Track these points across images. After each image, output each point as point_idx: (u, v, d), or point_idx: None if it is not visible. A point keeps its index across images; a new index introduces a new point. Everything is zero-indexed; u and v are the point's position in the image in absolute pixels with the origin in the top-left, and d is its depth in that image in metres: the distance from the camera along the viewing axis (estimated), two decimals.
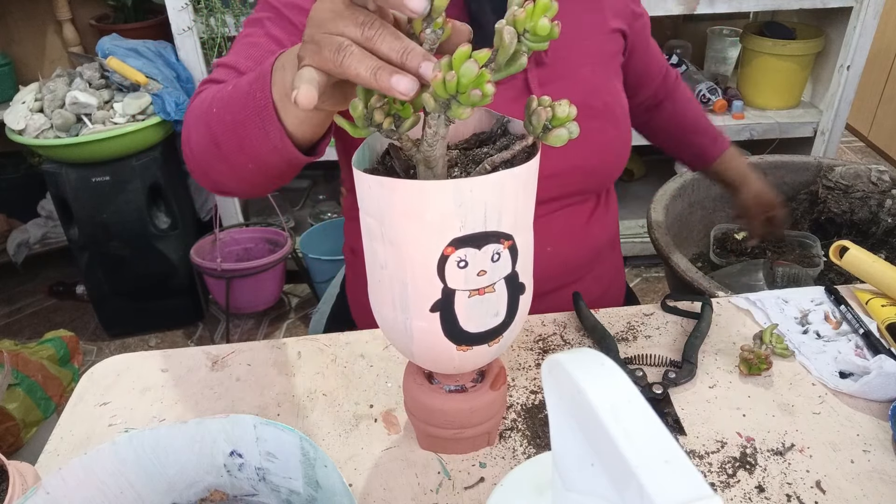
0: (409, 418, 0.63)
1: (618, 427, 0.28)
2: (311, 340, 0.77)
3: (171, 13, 1.74)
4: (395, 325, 0.52)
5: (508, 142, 0.52)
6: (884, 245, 1.30)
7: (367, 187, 0.46)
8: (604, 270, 0.93)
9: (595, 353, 0.32)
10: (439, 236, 0.45)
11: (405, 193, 0.44)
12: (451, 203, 0.44)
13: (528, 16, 0.42)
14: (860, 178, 1.30)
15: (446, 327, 0.49)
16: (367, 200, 0.47)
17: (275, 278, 2.00)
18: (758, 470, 0.60)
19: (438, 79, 0.41)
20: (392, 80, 0.41)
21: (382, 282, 0.50)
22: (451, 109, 0.42)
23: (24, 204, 2.26)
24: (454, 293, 0.48)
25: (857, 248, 0.81)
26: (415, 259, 0.47)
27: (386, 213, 0.46)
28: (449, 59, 0.41)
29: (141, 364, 0.75)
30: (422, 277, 0.47)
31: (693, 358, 0.71)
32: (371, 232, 0.49)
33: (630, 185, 2.41)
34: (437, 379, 0.59)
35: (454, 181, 0.43)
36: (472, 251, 0.46)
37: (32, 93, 1.76)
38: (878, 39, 2.42)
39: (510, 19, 0.42)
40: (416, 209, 0.44)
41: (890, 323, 0.74)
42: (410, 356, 0.55)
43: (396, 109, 0.44)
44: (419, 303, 0.49)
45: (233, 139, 0.58)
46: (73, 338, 1.66)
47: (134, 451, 0.48)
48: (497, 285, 0.49)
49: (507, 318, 0.51)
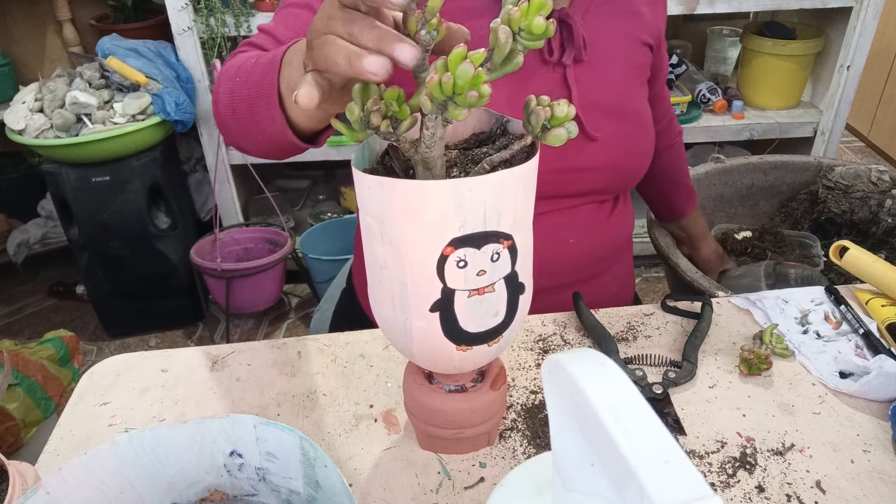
0: (409, 418, 0.63)
1: (618, 427, 0.28)
2: (311, 340, 0.77)
3: (171, 13, 1.74)
4: (394, 325, 0.52)
5: (508, 141, 0.52)
6: (884, 245, 1.30)
7: (367, 187, 0.46)
8: (620, 270, 0.95)
9: (595, 353, 0.32)
10: (439, 236, 0.45)
11: (404, 193, 0.44)
12: (451, 203, 0.44)
13: (523, 14, 0.42)
14: (860, 178, 1.30)
15: (446, 327, 0.49)
16: (367, 200, 0.47)
17: (275, 278, 2.00)
18: (758, 470, 0.60)
19: (434, 80, 0.41)
20: (363, 62, 0.42)
21: (382, 282, 0.50)
22: (447, 111, 0.42)
23: (24, 204, 2.26)
24: (454, 293, 0.48)
25: (857, 248, 0.81)
26: (414, 259, 0.47)
27: (385, 213, 0.46)
28: (445, 61, 0.41)
29: (141, 364, 0.75)
30: (421, 277, 0.47)
31: (693, 358, 0.71)
32: (371, 232, 0.49)
33: None
34: (437, 379, 0.59)
35: (453, 181, 0.43)
36: (472, 251, 0.46)
37: (32, 93, 1.77)
38: (878, 39, 2.42)
39: (505, 18, 0.42)
40: (415, 209, 0.44)
41: (890, 323, 0.74)
42: (410, 356, 0.55)
43: (393, 111, 0.44)
44: (419, 303, 0.49)
45: (247, 112, 0.63)
46: (73, 338, 1.66)
47: (134, 451, 0.48)
48: (497, 285, 0.49)
49: (506, 317, 0.51)
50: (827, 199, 1.33)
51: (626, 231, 0.94)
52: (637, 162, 0.87)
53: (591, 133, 0.81)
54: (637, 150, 0.87)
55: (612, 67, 0.84)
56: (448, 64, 0.41)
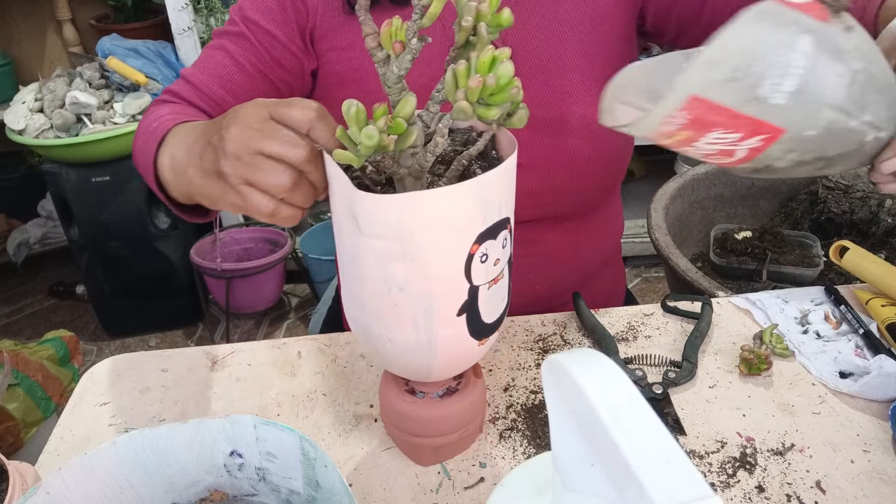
0: (407, 447, 0.61)
1: (618, 427, 0.28)
2: (311, 340, 0.77)
3: (171, 13, 1.74)
4: (414, 346, 0.50)
5: (465, 137, 0.52)
6: (884, 245, 1.30)
7: (385, 209, 0.43)
8: (605, 284, 0.92)
9: (595, 353, 0.32)
10: (466, 237, 0.45)
11: (433, 203, 0.43)
12: (475, 201, 0.44)
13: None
14: (860, 178, 1.30)
15: (471, 326, 0.50)
16: (382, 225, 0.44)
17: (275, 278, 2.00)
18: (758, 470, 0.60)
19: (478, 84, 0.41)
20: (287, 215, 0.46)
21: (400, 305, 0.47)
22: (478, 112, 0.43)
23: (24, 204, 2.26)
24: (478, 290, 0.48)
25: (857, 248, 0.81)
26: (442, 267, 0.46)
27: (408, 230, 0.44)
28: (467, 65, 0.41)
29: (141, 364, 0.75)
30: (449, 282, 0.46)
31: (693, 358, 0.71)
32: (385, 256, 0.45)
33: (630, 185, 2.41)
34: (422, 392, 0.58)
35: (475, 180, 0.43)
36: (491, 242, 0.47)
37: (32, 93, 1.77)
38: None
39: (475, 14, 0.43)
40: (443, 216, 0.44)
41: (890, 323, 0.74)
42: (427, 374, 0.53)
43: (394, 130, 0.43)
44: (446, 310, 0.48)
45: (147, 176, 0.64)
46: (73, 338, 1.66)
47: (134, 451, 0.48)
48: (504, 270, 0.50)
49: (507, 298, 0.53)
50: (827, 199, 1.33)
51: (609, 246, 0.88)
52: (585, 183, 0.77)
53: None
54: (581, 169, 0.76)
55: (546, 70, 0.74)
56: (478, 67, 0.41)
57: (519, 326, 0.78)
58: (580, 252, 0.84)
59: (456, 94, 0.42)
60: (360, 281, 0.48)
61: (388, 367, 0.55)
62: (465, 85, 0.41)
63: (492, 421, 0.65)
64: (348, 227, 0.46)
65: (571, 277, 0.84)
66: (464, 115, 0.42)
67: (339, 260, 0.51)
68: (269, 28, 0.75)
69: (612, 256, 0.91)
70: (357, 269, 0.48)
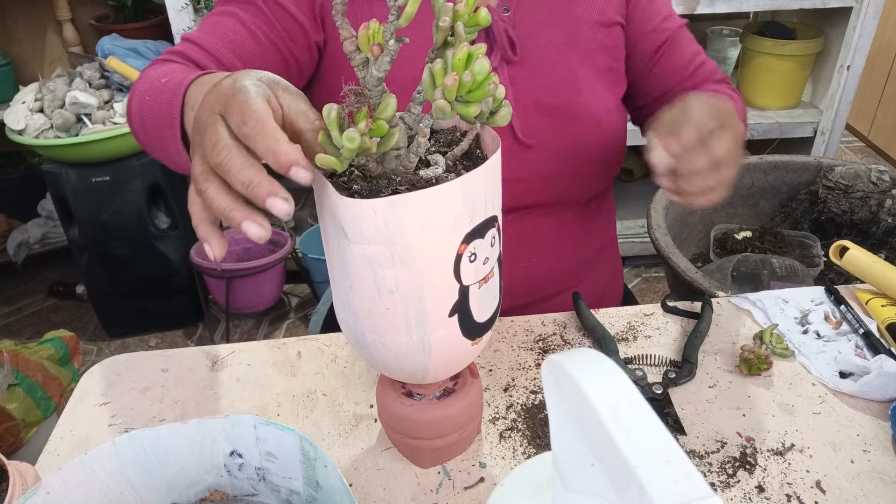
0: (407, 450, 0.61)
1: (618, 427, 0.28)
2: (311, 340, 0.77)
3: (171, 13, 1.74)
4: (408, 349, 0.50)
5: (450, 137, 0.52)
6: (884, 245, 1.30)
7: (372, 214, 0.42)
8: (602, 272, 0.93)
9: (595, 353, 0.32)
10: (454, 237, 0.45)
11: (419, 205, 0.43)
12: (462, 201, 0.44)
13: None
14: (860, 178, 1.30)
15: (464, 326, 0.50)
16: (370, 230, 0.43)
17: (275, 278, 2.00)
18: (758, 470, 0.60)
19: (455, 82, 0.41)
20: (244, 225, 0.46)
21: (391, 308, 0.47)
22: (458, 109, 0.42)
23: (24, 204, 2.26)
24: (468, 290, 0.48)
25: (857, 248, 0.81)
26: (432, 268, 0.46)
27: (396, 234, 0.43)
28: (443, 64, 0.41)
29: (141, 364, 0.75)
30: (440, 283, 0.46)
31: (693, 358, 0.71)
32: (375, 261, 0.45)
33: (630, 185, 2.41)
34: (419, 394, 0.58)
35: (461, 179, 0.43)
36: (478, 241, 0.47)
37: (32, 93, 1.77)
38: (878, 39, 2.42)
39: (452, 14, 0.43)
40: (431, 218, 0.43)
41: (890, 323, 0.74)
42: (423, 376, 0.53)
43: (375, 132, 0.42)
44: (438, 312, 0.48)
45: (155, 133, 0.61)
46: (73, 338, 1.66)
47: (134, 451, 0.48)
48: (494, 268, 0.50)
49: (499, 296, 0.53)
50: (827, 199, 1.33)
51: (602, 237, 0.90)
52: (590, 167, 0.80)
53: (524, 140, 0.76)
54: (587, 154, 0.79)
55: (555, 61, 0.77)
56: (454, 65, 0.41)
57: (519, 326, 0.78)
58: (579, 237, 0.87)
59: (434, 93, 0.42)
60: (350, 287, 0.48)
61: (384, 371, 0.55)
62: (442, 83, 0.41)
63: (492, 421, 0.65)
64: (335, 234, 0.46)
65: (573, 261, 0.87)
66: (443, 113, 0.42)
67: (329, 267, 0.51)
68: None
69: (608, 243, 0.95)
70: (346, 274, 0.47)
